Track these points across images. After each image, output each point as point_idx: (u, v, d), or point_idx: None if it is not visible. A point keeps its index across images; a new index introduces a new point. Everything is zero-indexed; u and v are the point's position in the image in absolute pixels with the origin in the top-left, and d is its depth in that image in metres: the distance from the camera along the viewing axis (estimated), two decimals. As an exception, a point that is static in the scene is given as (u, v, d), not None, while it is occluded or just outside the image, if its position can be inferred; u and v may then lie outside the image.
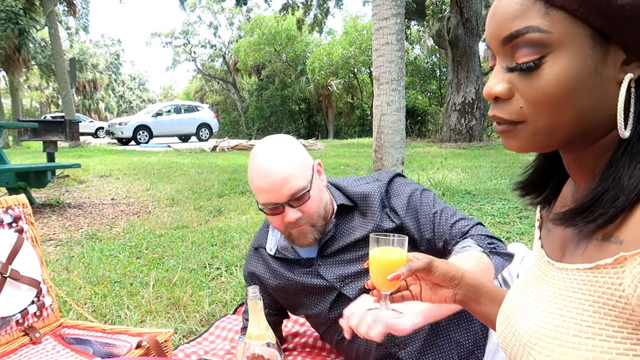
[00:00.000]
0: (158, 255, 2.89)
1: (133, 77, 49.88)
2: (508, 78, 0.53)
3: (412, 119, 16.32)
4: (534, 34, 0.49)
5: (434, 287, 0.83)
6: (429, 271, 0.80)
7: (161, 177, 6.54)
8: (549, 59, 0.49)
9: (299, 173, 1.14)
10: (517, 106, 0.52)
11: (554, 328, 0.53)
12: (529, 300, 0.59)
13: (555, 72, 0.49)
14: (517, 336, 0.59)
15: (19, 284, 1.33)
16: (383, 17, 4.36)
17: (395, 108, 4.45)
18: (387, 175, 1.29)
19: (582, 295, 0.51)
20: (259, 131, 28.13)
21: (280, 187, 1.12)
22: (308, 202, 1.16)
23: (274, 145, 1.18)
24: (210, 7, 34.63)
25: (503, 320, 0.65)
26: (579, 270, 0.52)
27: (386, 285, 0.83)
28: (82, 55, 33.23)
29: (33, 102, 40.79)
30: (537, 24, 0.49)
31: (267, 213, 1.18)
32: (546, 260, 0.61)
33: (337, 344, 1.36)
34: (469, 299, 0.81)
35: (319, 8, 16.73)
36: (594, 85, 0.49)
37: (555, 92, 0.49)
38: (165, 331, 1.36)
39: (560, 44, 0.48)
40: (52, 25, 14.42)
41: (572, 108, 0.50)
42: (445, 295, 0.82)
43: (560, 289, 0.55)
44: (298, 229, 1.18)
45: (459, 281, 0.81)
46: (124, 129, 15.89)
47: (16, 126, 7.20)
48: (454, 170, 6.31)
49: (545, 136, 0.53)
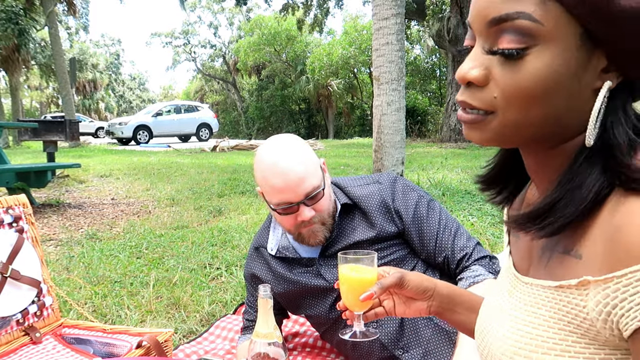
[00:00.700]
0: (158, 255, 2.89)
1: (133, 77, 49.88)
2: (486, 64, 0.49)
3: (412, 119, 16.33)
4: (525, 21, 0.45)
5: (408, 301, 0.82)
6: (401, 286, 0.79)
7: (161, 177, 6.54)
8: (534, 51, 0.46)
9: (313, 172, 1.16)
10: (491, 95, 0.49)
11: (524, 346, 0.52)
12: (500, 316, 0.59)
13: (537, 67, 0.46)
14: (490, 352, 0.59)
15: (20, 283, 1.34)
16: (383, 17, 4.37)
17: (395, 108, 4.45)
18: (389, 178, 1.29)
19: (546, 312, 0.50)
20: (259, 131, 28.14)
21: (296, 186, 1.13)
22: (321, 201, 1.18)
23: (286, 145, 1.19)
24: (210, 7, 34.65)
25: (480, 331, 0.64)
26: (544, 287, 0.52)
27: (359, 306, 0.82)
28: (82, 55, 33.24)
29: (33, 102, 40.80)
30: (531, 12, 0.45)
31: (280, 213, 1.18)
32: (512, 273, 0.60)
33: (338, 344, 1.36)
34: (443, 309, 0.80)
35: (319, 8, 16.74)
36: (570, 88, 0.47)
37: (533, 88, 0.46)
38: (166, 331, 1.36)
39: (549, 38, 0.45)
40: (52, 25, 14.42)
41: (545, 107, 0.47)
42: (419, 308, 0.81)
43: (526, 304, 0.54)
44: (309, 227, 1.19)
45: (432, 293, 0.79)
46: (124, 129, 15.89)
47: (16, 126, 7.20)
48: (454, 170, 6.32)
49: (512, 131, 0.50)
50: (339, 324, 1.28)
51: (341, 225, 1.26)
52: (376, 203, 1.24)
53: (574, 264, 0.48)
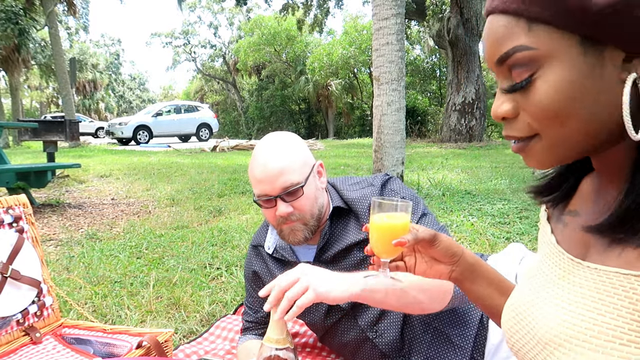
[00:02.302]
0: (158, 255, 2.89)
1: (133, 77, 49.89)
2: (510, 97, 0.54)
3: (412, 119, 16.32)
4: (521, 53, 0.50)
5: (431, 261, 0.81)
6: (432, 243, 0.78)
7: (161, 177, 6.54)
8: (541, 74, 0.50)
9: (295, 168, 1.14)
10: (525, 122, 0.53)
11: (583, 331, 0.51)
12: (550, 299, 0.57)
13: (548, 85, 0.49)
14: (534, 335, 0.57)
15: (20, 283, 1.34)
16: (383, 17, 4.37)
17: (395, 108, 4.45)
18: (382, 180, 1.27)
19: (619, 301, 0.49)
20: (259, 131, 28.13)
21: (274, 178, 1.12)
22: (301, 199, 1.15)
23: (276, 139, 1.20)
24: (210, 7, 34.65)
25: (513, 316, 0.63)
26: (619, 274, 0.50)
27: (387, 252, 0.80)
28: (82, 55, 33.24)
29: (33, 102, 40.80)
30: (522, 43, 0.50)
31: (260, 205, 1.18)
32: (567, 258, 0.58)
33: (338, 348, 1.36)
34: (465, 277, 0.80)
35: (319, 8, 16.74)
36: (596, 89, 0.48)
37: (553, 104, 0.50)
38: (166, 331, 1.36)
39: (549, 57, 0.49)
40: (52, 25, 14.41)
41: (577, 116, 0.49)
42: (441, 271, 0.81)
43: (590, 289, 0.53)
44: (289, 225, 1.17)
45: (458, 258, 0.79)
46: (124, 129, 15.89)
47: (16, 126, 7.20)
48: (454, 170, 6.32)
49: (561, 148, 0.52)
50: (336, 329, 1.28)
51: (336, 229, 1.25)
52: (366, 206, 1.22)
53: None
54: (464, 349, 1.18)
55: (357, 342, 1.25)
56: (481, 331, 1.20)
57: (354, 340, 1.25)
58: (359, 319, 1.24)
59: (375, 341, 1.22)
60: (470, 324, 1.20)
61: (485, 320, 1.20)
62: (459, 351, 1.18)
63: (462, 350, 1.18)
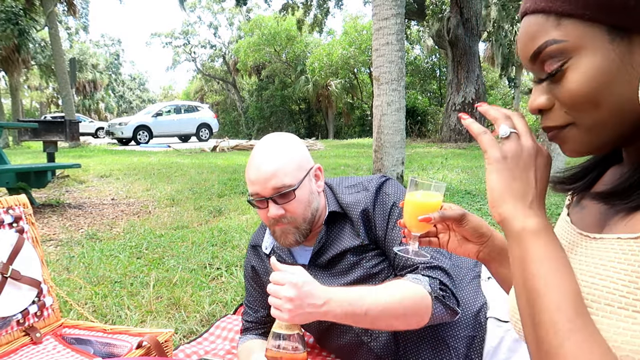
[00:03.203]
0: (158, 255, 2.89)
1: (133, 77, 49.88)
2: (544, 90, 0.57)
3: (412, 119, 16.32)
4: (551, 46, 0.53)
5: (461, 240, 0.86)
6: (460, 222, 0.82)
7: (161, 177, 6.54)
8: (571, 63, 0.53)
9: (288, 171, 1.14)
10: (561, 111, 0.56)
11: (585, 296, 0.52)
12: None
13: (579, 73, 0.52)
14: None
15: (20, 284, 1.34)
16: (383, 17, 4.37)
17: (395, 108, 4.45)
18: (377, 183, 1.25)
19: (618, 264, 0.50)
20: (259, 131, 28.13)
21: (266, 180, 1.13)
22: (293, 202, 1.15)
23: (273, 141, 1.20)
24: (210, 8, 34.66)
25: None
26: (620, 239, 0.52)
27: (416, 227, 0.85)
28: (82, 55, 33.23)
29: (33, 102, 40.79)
30: (553, 37, 0.53)
31: (253, 205, 1.19)
32: (577, 232, 0.60)
33: (335, 350, 1.36)
34: (492, 258, 0.83)
35: (319, 8, 16.74)
36: (627, 76, 0.50)
37: (584, 91, 0.52)
38: (166, 331, 1.36)
39: (578, 48, 0.52)
40: (52, 25, 14.42)
41: (609, 102, 0.52)
42: (469, 250, 0.85)
43: (594, 257, 0.54)
44: (281, 227, 1.18)
45: (486, 239, 0.83)
46: (124, 129, 15.88)
47: (16, 126, 7.20)
48: (454, 170, 6.32)
49: (594, 135, 0.55)
50: (332, 333, 1.28)
51: (332, 233, 1.25)
52: (359, 212, 1.22)
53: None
54: (458, 351, 1.17)
55: (353, 346, 1.25)
56: (478, 333, 1.19)
57: (349, 344, 1.26)
58: None
59: (370, 345, 1.22)
60: (465, 325, 1.19)
61: (483, 321, 1.20)
62: (453, 353, 1.17)
63: (457, 352, 1.17)
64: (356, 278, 1.20)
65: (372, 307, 1.00)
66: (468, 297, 1.23)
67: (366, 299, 1.00)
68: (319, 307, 0.96)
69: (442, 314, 1.08)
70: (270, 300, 0.96)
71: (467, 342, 1.18)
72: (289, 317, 0.94)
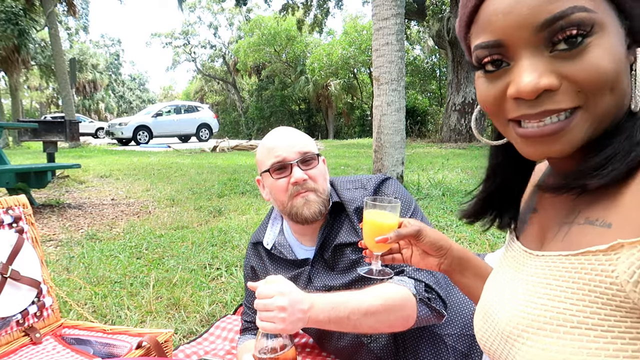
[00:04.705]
0: (158, 255, 2.89)
1: (133, 77, 49.88)
2: (551, 67, 0.48)
3: (412, 119, 16.31)
4: (580, 13, 0.46)
5: (422, 254, 0.88)
6: (417, 238, 0.85)
7: (161, 177, 6.54)
8: (595, 38, 0.47)
9: (309, 141, 1.24)
10: (573, 91, 0.48)
11: (537, 318, 0.51)
12: (508, 293, 0.58)
13: (603, 50, 0.47)
14: (497, 329, 0.58)
15: (20, 284, 1.34)
16: (383, 17, 4.37)
17: (395, 108, 4.45)
18: (375, 182, 1.26)
19: (564, 283, 0.49)
20: (259, 131, 28.14)
21: (293, 144, 1.19)
22: (315, 169, 1.20)
23: (284, 127, 1.29)
24: (210, 8, 34.67)
25: (481, 316, 0.64)
26: (562, 256, 0.51)
27: (376, 247, 0.88)
28: (82, 56, 33.24)
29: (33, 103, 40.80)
30: (583, 4, 0.46)
31: (274, 176, 1.19)
32: (522, 250, 0.60)
33: (335, 352, 1.36)
34: (453, 269, 0.85)
35: (319, 8, 16.75)
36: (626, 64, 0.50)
37: (608, 69, 0.47)
38: (166, 331, 1.36)
39: (604, 24, 0.47)
40: (52, 25, 14.42)
41: (620, 89, 0.49)
42: (431, 263, 0.87)
43: (539, 276, 0.53)
44: (303, 195, 1.18)
45: (445, 252, 0.85)
46: (124, 129, 15.88)
47: (16, 126, 7.20)
48: (454, 170, 6.31)
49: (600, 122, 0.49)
50: (331, 334, 1.28)
51: (334, 225, 1.26)
52: (354, 210, 1.23)
53: (599, 233, 0.48)
54: (457, 350, 1.18)
55: (353, 347, 1.25)
56: None
57: (349, 346, 1.26)
58: None
59: (370, 346, 1.22)
60: (464, 325, 1.20)
61: None
62: (453, 352, 1.17)
63: (456, 350, 1.18)
64: (355, 278, 1.20)
65: (355, 310, 1.01)
66: (466, 296, 1.23)
67: (349, 302, 1.01)
68: (306, 313, 0.97)
69: (427, 316, 1.08)
70: (261, 315, 0.95)
71: (466, 342, 1.18)
72: (284, 326, 0.94)
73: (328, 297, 1.02)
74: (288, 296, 0.95)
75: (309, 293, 1.02)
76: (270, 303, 0.94)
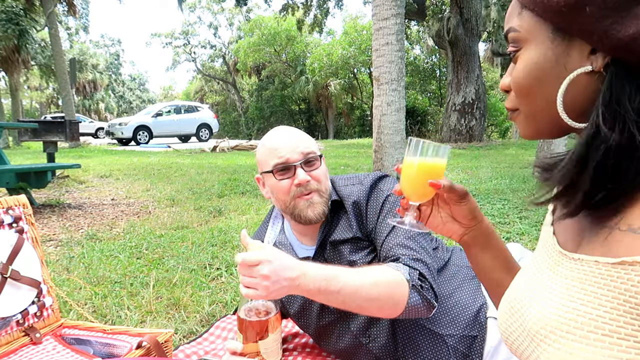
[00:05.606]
0: (158, 255, 2.89)
1: (133, 77, 49.88)
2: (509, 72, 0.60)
3: (412, 119, 16.33)
4: (511, 33, 0.58)
5: (447, 218, 0.82)
6: (460, 199, 0.79)
7: (161, 177, 6.54)
8: (520, 53, 0.57)
9: (311, 142, 1.24)
10: (513, 96, 0.60)
11: (567, 322, 0.50)
12: (540, 290, 0.57)
13: (522, 64, 0.57)
14: (524, 326, 0.57)
15: (20, 284, 1.34)
16: (383, 17, 4.37)
17: (395, 108, 4.45)
18: (372, 178, 1.26)
19: (598, 289, 0.48)
20: (259, 131, 28.14)
21: (296, 145, 1.19)
22: (318, 170, 1.20)
23: (285, 126, 1.28)
24: (210, 8, 34.66)
25: (507, 309, 0.63)
26: (598, 263, 0.50)
27: (418, 194, 0.76)
28: (82, 56, 33.22)
29: (33, 103, 40.80)
30: (513, 24, 0.58)
31: (277, 177, 1.19)
32: (558, 250, 0.59)
33: (335, 353, 1.36)
34: (476, 243, 0.81)
35: (319, 8, 16.74)
36: (557, 74, 0.54)
37: (522, 81, 0.57)
38: (166, 331, 1.36)
39: (527, 39, 0.56)
40: (52, 25, 14.41)
41: (542, 96, 0.56)
42: (454, 231, 0.82)
43: (574, 280, 0.52)
44: (307, 197, 1.18)
45: (476, 223, 0.81)
46: (124, 130, 15.88)
47: (16, 127, 7.20)
48: (454, 170, 6.31)
49: (533, 124, 0.59)
50: (331, 335, 1.28)
51: (333, 222, 1.26)
52: (351, 204, 1.23)
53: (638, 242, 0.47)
54: (458, 351, 1.17)
55: (352, 348, 1.25)
56: (478, 333, 1.18)
57: (348, 346, 1.26)
58: (351, 324, 1.24)
59: (369, 346, 1.22)
60: (465, 325, 1.19)
61: (483, 320, 1.19)
62: (453, 353, 1.17)
63: (457, 351, 1.17)
64: None
65: (347, 285, 0.98)
66: (467, 296, 1.23)
67: (341, 276, 0.98)
68: (294, 280, 0.94)
69: (417, 305, 1.05)
70: (243, 280, 0.93)
71: (467, 342, 1.18)
72: (266, 294, 0.92)
73: (322, 268, 0.99)
74: (273, 264, 0.92)
75: (304, 262, 0.99)
76: (255, 270, 0.92)
